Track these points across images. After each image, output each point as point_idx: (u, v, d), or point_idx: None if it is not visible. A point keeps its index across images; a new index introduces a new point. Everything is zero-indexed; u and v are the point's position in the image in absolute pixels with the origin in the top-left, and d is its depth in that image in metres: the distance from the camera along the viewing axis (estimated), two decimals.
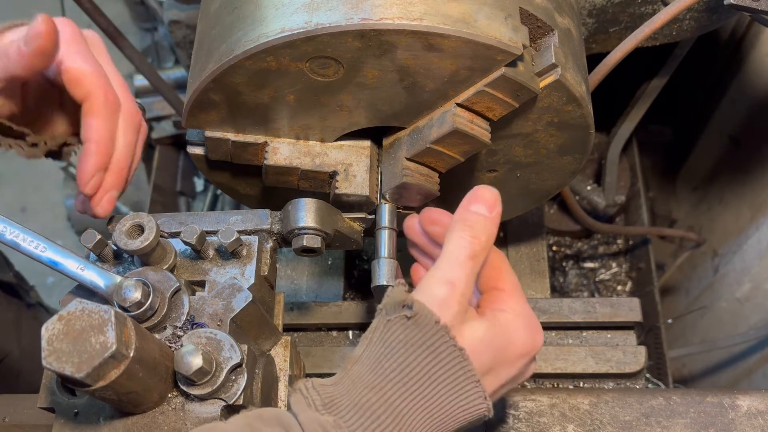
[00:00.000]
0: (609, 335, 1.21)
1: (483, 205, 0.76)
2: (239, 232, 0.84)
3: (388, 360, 0.67)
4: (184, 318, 0.78)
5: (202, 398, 0.74)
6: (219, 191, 1.88)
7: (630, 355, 1.15)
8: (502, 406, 0.95)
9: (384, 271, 0.90)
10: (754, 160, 1.57)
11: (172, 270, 0.83)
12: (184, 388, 0.74)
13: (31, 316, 1.56)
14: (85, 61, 0.81)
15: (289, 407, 0.67)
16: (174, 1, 1.41)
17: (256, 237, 0.86)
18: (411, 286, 0.79)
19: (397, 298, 0.69)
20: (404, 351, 0.67)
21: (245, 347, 0.76)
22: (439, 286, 0.70)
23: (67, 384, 0.75)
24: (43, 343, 0.64)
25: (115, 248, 0.84)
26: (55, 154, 0.90)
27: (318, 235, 0.87)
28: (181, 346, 0.74)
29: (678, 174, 1.93)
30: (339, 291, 1.32)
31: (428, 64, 0.80)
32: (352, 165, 0.93)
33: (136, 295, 0.74)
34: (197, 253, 0.84)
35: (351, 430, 0.64)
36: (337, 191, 0.92)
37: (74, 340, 0.64)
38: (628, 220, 1.67)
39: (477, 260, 0.73)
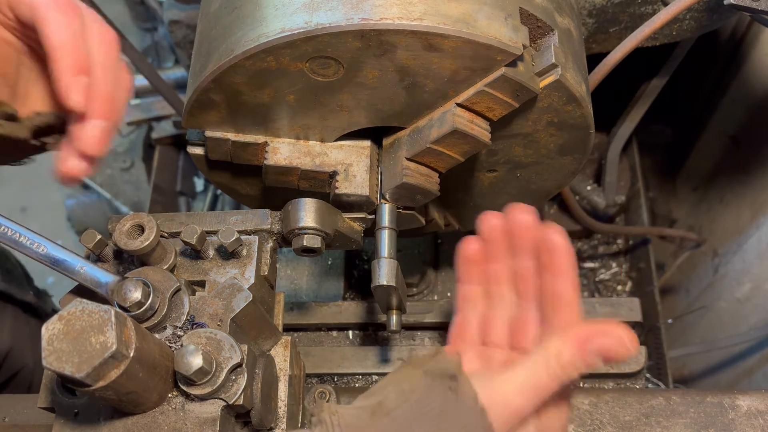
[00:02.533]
0: None
1: (600, 358, 0.69)
2: (239, 232, 0.84)
3: (420, 426, 0.66)
4: (184, 318, 0.78)
5: (202, 398, 0.74)
6: (219, 191, 1.88)
7: None
8: None
9: (384, 271, 0.90)
10: (754, 160, 1.57)
11: (172, 270, 0.83)
12: (184, 388, 0.74)
13: None
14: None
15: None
16: (174, 1, 1.42)
17: (256, 237, 0.86)
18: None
19: (448, 369, 0.67)
20: (438, 422, 0.65)
21: (245, 347, 0.76)
22: (514, 395, 0.67)
23: (67, 384, 0.75)
24: (43, 343, 0.64)
25: (115, 248, 0.84)
26: (40, 136, 0.80)
27: (318, 235, 0.87)
28: (181, 346, 0.74)
29: (678, 174, 1.93)
30: (339, 291, 1.32)
31: (428, 64, 0.80)
32: (352, 165, 0.93)
33: (136, 295, 0.74)
34: (197, 253, 0.84)
35: None
36: (337, 191, 0.92)
37: (74, 340, 0.64)
38: (628, 220, 1.67)
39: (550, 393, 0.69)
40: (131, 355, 0.66)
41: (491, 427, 0.66)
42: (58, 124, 0.80)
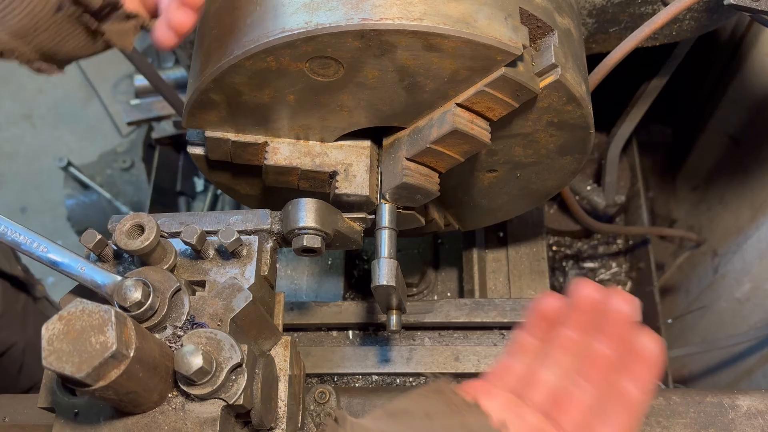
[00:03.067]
0: None
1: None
2: (239, 232, 0.84)
3: None
4: (184, 318, 0.78)
5: (202, 398, 0.74)
6: (219, 191, 1.88)
7: None
8: None
9: (384, 271, 0.90)
10: (754, 160, 1.57)
11: (172, 270, 0.83)
12: (184, 388, 0.74)
13: (37, 310, 1.57)
14: None
15: None
16: None
17: (256, 237, 0.86)
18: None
19: (486, 427, 0.66)
20: None
21: (245, 347, 0.76)
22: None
23: (68, 384, 0.75)
24: (44, 343, 0.64)
25: (115, 248, 0.84)
26: (104, 15, 0.81)
27: (318, 235, 0.87)
28: (181, 346, 0.74)
29: (678, 174, 1.93)
30: (339, 291, 1.32)
31: (428, 64, 0.80)
32: (352, 165, 0.93)
33: (137, 295, 0.74)
34: (197, 253, 0.84)
35: None
36: (337, 191, 0.92)
37: (74, 340, 0.64)
38: (628, 220, 1.67)
39: None
40: (131, 355, 0.66)
41: None
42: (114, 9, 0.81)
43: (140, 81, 1.92)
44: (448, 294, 1.35)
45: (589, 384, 0.72)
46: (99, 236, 0.82)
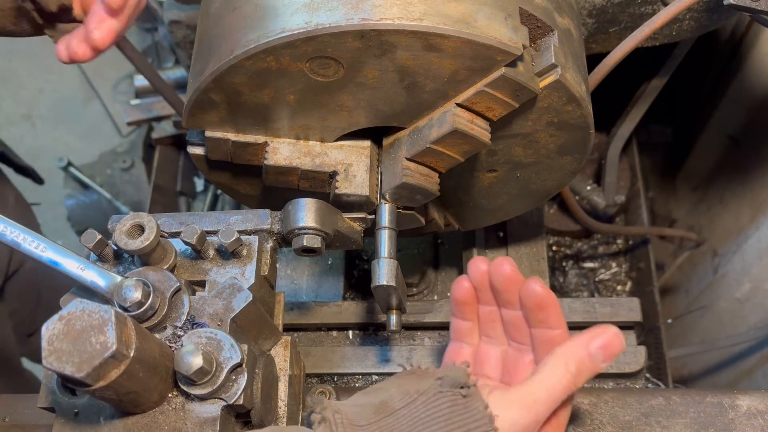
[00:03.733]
0: None
1: (602, 354, 0.74)
2: (239, 232, 0.84)
3: (426, 428, 0.67)
4: (184, 318, 0.78)
5: (202, 398, 0.74)
6: (219, 191, 1.88)
7: (630, 355, 1.15)
8: None
9: (384, 271, 0.90)
10: (754, 160, 1.57)
11: (172, 270, 0.83)
12: (184, 387, 0.74)
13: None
14: None
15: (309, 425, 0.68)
16: (174, 1, 1.41)
17: (256, 237, 0.86)
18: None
19: (460, 378, 0.69)
20: (444, 426, 0.66)
21: (245, 347, 0.76)
22: (520, 407, 0.70)
23: (68, 384, 0.75)
24: (44, 343, 0.64)
25: (115, 248, 0.84)
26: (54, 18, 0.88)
27: (318, 235, 0.87)
28: (182, 346, 0.74)
29: (678, 174, 1.93)
30: (339, 291, 1.32)
31: (428, 64, 0.80)
32: (352, 165, 0.93)
33: (137, 295, 0.74)
34: (197, 253, 0.84)
35: None
36: (337, 191, 0.92)
37: (74, 340, 0.64)
38: (628, 220, 1.67)
39: (564, 400, 0.73)
40: (131, 355, 0.66)
41: (493, 421, 0.67)
42: (66, 14, 0.89)
43: (140, 81, 1.92)
44: (448, 294, 1.35)
45: (523, 344, 0.80)
46: (99, 236, 0.82)
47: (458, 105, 0.84)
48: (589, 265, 1.62)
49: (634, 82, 1.34)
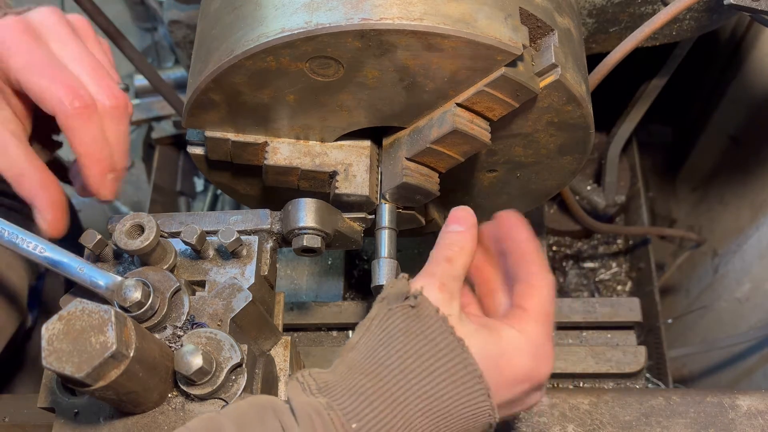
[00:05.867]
0: (609, 335, 1.21)
1: (456, 224, 0.78)
2: (239, 232, 0.84)
3: (386, 348, 0.67)
4: (184, 318, 0.78)
5: (202, 398, 0.74)
6: (219, 191, 1.88)
7: (630, 355, 1.15)
8: None
9: (384, 271, 0.90)
10: (754, 160, 1.57)
11: (172, 270, 0.83)
12: (184, 388, 0.74)
13: None
14: (42, 74, 0.77)
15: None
16: (174, 1, 1.41)
17: (256, 237, 0.86)
18: None
19: (402, 289, 0.69)
20: (403, 339, 0.67)
21: (245, 347, 0.76)
22: (421, 278, 0.72)
23: (68, 384, 0.75)
24: (44, 343, 0.64)
25: (115, 248, 0.84)
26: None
27: (318, 235, 0.87)
28: (181, 346, 0.74)
29: (678, 174, 1.93)
30: (339, 291, 1.32)
31: (428, 64, 0.80)
32: (352, 165, 0.93)
33: (137, 295, 0.74)
34: (197, 253, 0.84)
35: (344, 412, 0.64)
36: (337, 191, 0.92)
37: (74, 340, 0.64)
38: (628, 220, 1.67)
39: (453, 263, 0.74)
40: (131, 355, 0.66)
41: (448, 321, 0.67)
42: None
43: (140, 81, 1.91)
44: None
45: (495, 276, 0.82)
46: (99, 236, 0.82)
47: (458, 105, 0.84)
48: (589, 265, 1.62)
49: (634, 82, 1.34)
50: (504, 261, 0.81)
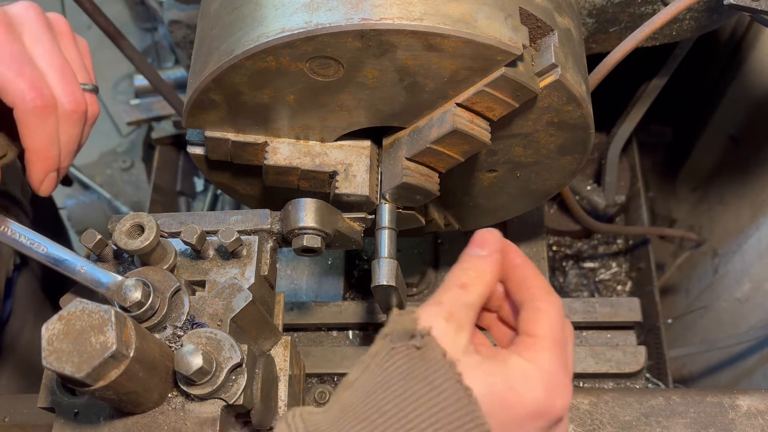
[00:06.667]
0: (609, 335, 1.21)
1: (478, 248, 0.70)
2: (239, 232, 0.84)
3: (384, 392, 0.60)
4: (184, 318, 0.78)
5: (202, 398, 0.74)
6: (219, 191, 1.88)
7: (630, 355, 1.15)
8: None
9: (384, 271, 0.90)
10: (754, 160, 1.57)
11: (172, 270, 0.83)
12: (184, 388, 0.74)
13: None
14: (9, 67, 0.78)
15: None
16: (174, 1, 1.41)
17: (256, 237, 0.86)
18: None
19: (408, 326, 0.62)
20: (404, 384, 0.60)
21: (245, 347, 0.76)
22: (428, 307, 0.65)
23: (67, 384, 0.75)
24: (44, 343, 0.64)
25: (115, 248, 0.84)
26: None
27: (318, 235, 0.87)
28: (181, 346, 0.74)
29: (678, 174, 1.93)
30: (339, 291, 1.32)
31: (428, 64, 0.80)
32: (352, 165, 0.93)
33: (137, 295, 0.74)
34: (197, 253, 0.84)
35: None
36: (337, 191, 0.92)
37: (74, 340, 0.64)
38: (628, 220, 1.67)
39: (468, 290, 0.66)
40: (131, 355, 0.66)
41: (455, 367, 0.60)
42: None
43: (140, 81, 1.92)
44: None
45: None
46: (99, 236, 0.82)
47: (458, 105, 0.84)
48: (589, 265, 1.63)
49: (634, 82, 1.34)
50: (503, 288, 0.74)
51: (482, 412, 0.59)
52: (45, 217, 1.48)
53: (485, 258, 0.69)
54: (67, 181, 1.53)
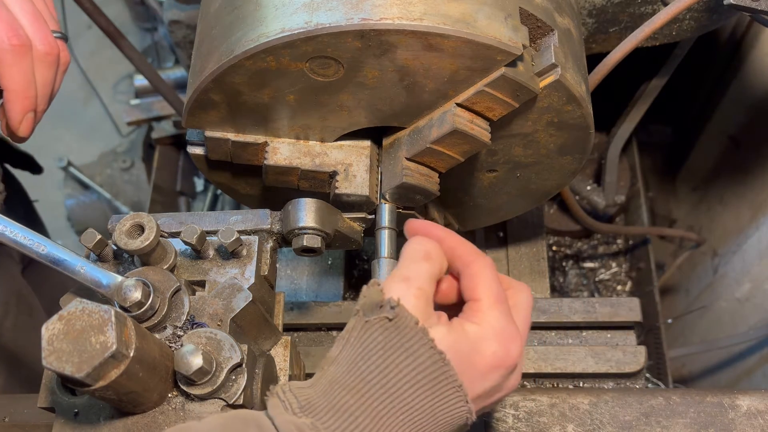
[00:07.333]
0: (609, 335, 1.21)
1: (420, 233, 0.77)
2: (239, 232, 0.84)
3: (365, 362, 0.66)
4: (184, 318, 0.78)
5: (202, 398, 0.74)
6: (219, 191, 1.88)
7: (630, 354, 1.15)
8: (501, 406, 0.95)
9: (384, 271, 0.90)
10: (754, 160, 1.57)
11: (172, 270, 0.83)
12: (184, 387, 0.74)
13: None
14: None
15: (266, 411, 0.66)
16: (174, 1, 1.41)
17: (256, 237, 0.86)
18: None
19: (375, 298, 0.68)
20: (383, 353, 0.66)
21: (245, 347, 0.76)
22: (396, 283, 0.70)
23: (68, 384, 0.75)
24: (44, 343, 0.64)
25: (115, 248, 0.84)
26: None
27: (318, 235, 0.87)
28: (181, 345, 0.74)
29: (678, 174, 1.93)
30: (339, 291, 1.32)
31: (428, 64, 0.80)
32: (352, 165, 0.93)
33: (137, 294, 0.74)
34: (197, 253, 0.84)
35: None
36: (337, 191, 0.92)
37: (74, 340, 0.64)
38: (628, 220, 1.67)
39: (432, 261, 0.73)
40: (131, 355, 0.66)
41: (428, 333, 0.67)
42: None
43: (140, 81, 1.92)
44: None
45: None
46: (99, 236, 0.82)
47: (458, 105, 0.84)
48: (589, 265, 1.63)
49: (634, 82, 1.34)
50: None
51: (455, 371, 0.67)
52: (18, 201, 1.51)
53: (430, 238, 0.76)
54: (37, 168, 1.55)
